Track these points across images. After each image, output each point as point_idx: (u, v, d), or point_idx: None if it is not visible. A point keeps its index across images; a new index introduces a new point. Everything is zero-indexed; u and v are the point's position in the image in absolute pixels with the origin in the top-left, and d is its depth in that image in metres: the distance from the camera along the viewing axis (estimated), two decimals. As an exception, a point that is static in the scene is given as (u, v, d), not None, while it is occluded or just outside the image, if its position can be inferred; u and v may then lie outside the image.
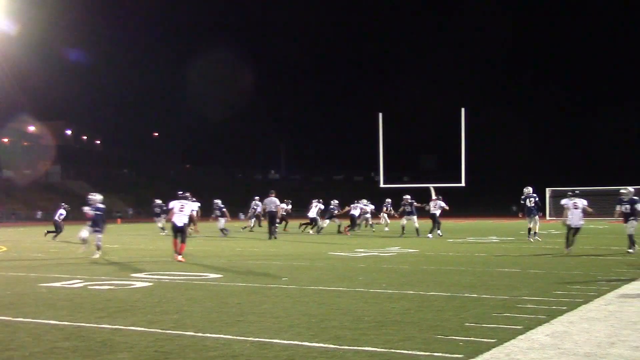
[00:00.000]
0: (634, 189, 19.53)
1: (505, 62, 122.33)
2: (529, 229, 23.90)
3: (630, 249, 18.10)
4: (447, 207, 29.31)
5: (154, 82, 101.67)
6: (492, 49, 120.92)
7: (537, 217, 23.84)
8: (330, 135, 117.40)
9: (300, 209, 40.92)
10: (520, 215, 24.49)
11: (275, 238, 27.98)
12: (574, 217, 18.52)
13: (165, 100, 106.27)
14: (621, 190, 18.67)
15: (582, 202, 18.41)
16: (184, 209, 17.37)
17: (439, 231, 28.64)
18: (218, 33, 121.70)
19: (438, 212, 29.03)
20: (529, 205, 23.69)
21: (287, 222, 36.28)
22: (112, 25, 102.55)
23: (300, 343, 6.89)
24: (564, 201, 19.19)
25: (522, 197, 23.94)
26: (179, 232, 17.22)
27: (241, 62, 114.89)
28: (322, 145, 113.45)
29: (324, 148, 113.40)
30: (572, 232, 18.43)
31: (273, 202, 29.38)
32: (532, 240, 23.56)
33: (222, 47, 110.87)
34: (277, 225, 29.55)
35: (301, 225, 35.55)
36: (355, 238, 28.65)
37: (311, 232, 33.53)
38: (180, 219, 17.25)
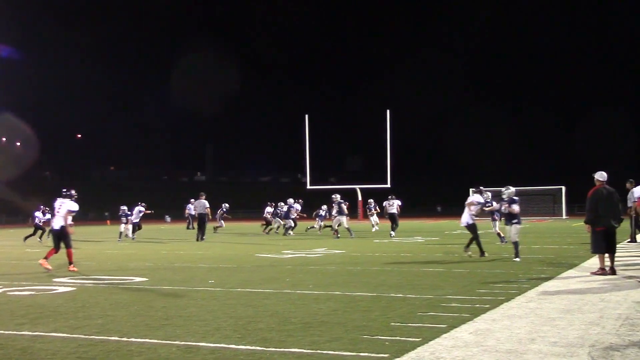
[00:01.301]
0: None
1: (427, 62, 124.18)
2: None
3: (517, 257, 16.18)
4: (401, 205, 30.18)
5: (76, 84, 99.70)
6: (415, 49, 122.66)
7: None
8: (257, 136, 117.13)
9: (232, 211, 40.66)
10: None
11: (203, 240, 27.93)
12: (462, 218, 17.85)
13: (88, 102, 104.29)
14: (502, 189, 17.56)
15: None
16: (60, 209, 15.27)
17: (392, 232, 28.99)
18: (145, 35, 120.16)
19: (396, 211, 29.56)
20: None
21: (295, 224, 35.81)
22: (27, 22, 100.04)
23: (227, 346, 6.85)
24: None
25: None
26: (57, 236, 15.26)
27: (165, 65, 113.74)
28: (249, 147, 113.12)
29: (251, 150, 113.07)
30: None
31: (203, 204, 29.31)
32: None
33: (141, 47, 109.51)
34: (205, 227, 29.38)
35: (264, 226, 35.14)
36: (282, 240, 28.65)
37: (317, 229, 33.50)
38: (57, 222, 15.28)
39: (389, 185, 43.96)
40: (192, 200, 36.72)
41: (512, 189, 17.24)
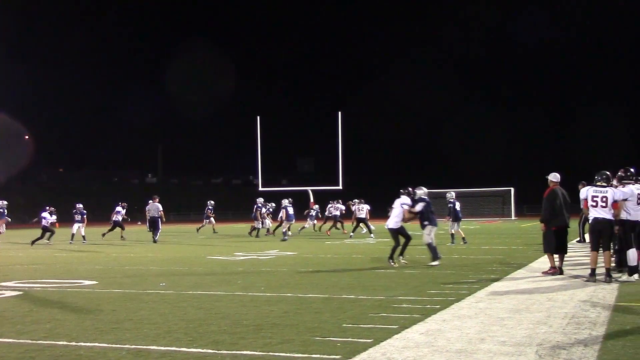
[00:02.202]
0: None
1: (375, 63, 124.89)
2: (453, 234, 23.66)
3: (434, 261, 15.41)
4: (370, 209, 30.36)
5: (24, 83, 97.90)
6: (366, 51, 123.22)
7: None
8: (208, 137, 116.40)
9: (181, 213, 40.24)
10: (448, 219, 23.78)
11: (155, 242, 27.89)
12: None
13: (36, 102, 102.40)
14: (416, 190, 16.33)
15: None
16: None
17: (367, 231, 29.85)
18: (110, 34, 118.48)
19: (365, 216, 29.82)
20: (457, 208, 23.54)
21: (340, 224, 35.30)
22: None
23: (178, 349, 6.80)
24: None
25: (451, 200, 23.53)
26: None
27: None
28: (200, 148, 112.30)
29: (202, 151, 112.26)
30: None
31: (156, 207, 29.41)
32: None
33: (82, 46, 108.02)
34: (159, 229, 29.29)
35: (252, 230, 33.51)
36: (234, 242, 28.54)
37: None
38: None
39: (340, 187, 44.04)
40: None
41: (424, 190, 16.25)
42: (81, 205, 30.82)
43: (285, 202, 30.77)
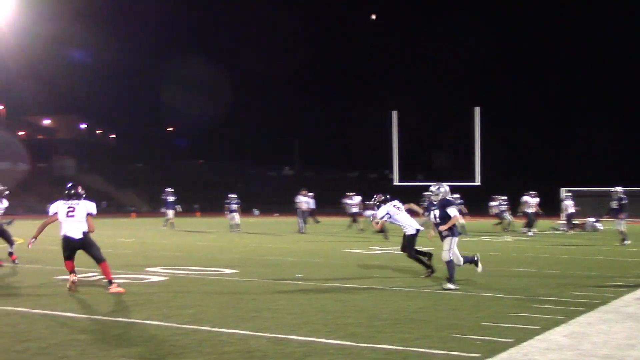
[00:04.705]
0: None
1: (516, 60, 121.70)
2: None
3: (449, 283, 11.14)
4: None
5: (168, 77, 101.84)
6: (502, 48, 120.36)
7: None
8: (345, 132, 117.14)
9: (318, 208, 40.63)
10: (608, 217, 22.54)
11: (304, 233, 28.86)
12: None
13: (179, 95, 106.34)
14: (435, 188, 11.98)
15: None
16: (74, 213, 10.71)
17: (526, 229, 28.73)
18: (231, 27, 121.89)
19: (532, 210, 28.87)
20: (614, 207, 22.62)
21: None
22: (128, 22, 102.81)
23: (316, 340, 6.87)
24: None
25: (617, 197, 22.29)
26: (80, 248, 10.81)
27: (254, 56, 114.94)
28: (337, 142, 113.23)
29: (339, 145, 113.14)
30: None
31: (304, 200, 30.60)
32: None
33: (231, 41, 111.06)
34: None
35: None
36: (371, 236, 28.59)
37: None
38: (74, 229, 10.69)
39: (478, 183, 43.27)
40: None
41: (445, 188, 11.92)
42: (234, 195, 31.61)
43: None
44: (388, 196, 13.87)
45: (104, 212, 65.28)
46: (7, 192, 15.51)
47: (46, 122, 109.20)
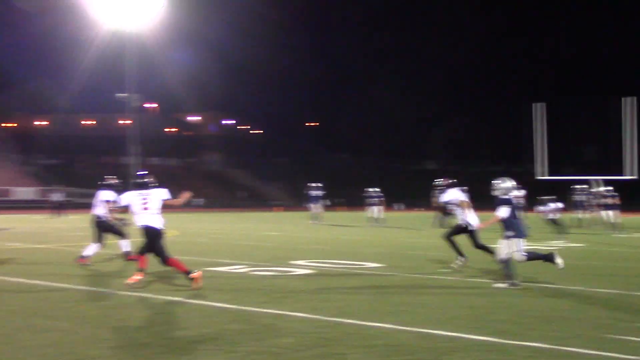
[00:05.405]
0: None
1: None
2: None
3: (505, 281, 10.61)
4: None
5: (313, 74, 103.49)
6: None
7: None
8: (487, 125, 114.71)
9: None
10: None
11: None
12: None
13: (325, 91, 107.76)
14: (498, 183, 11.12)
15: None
16: (148, 203, 10.37)
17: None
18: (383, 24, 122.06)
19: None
20: None
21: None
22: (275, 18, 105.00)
23: (463, 335, 6.77)
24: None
25: None
26: (158, 239, 10.34)
27: (400, 54, 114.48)
28: (479, 135, 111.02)
29: (481, 138, 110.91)
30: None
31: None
32: None
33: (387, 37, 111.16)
34: None
35: None
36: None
37: None
38: (153, 220, 10.34)
39: (634, 176, 41.28)
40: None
41: (505, 184, 11.00)
42: (375, 189, 31.73)
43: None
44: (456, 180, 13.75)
45: (244, 205, 67.16)
46: (119, 184, 13.76)
47: (195, 118, 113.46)
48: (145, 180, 10.60)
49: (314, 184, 33.97)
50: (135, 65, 52.38)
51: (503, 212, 10.63)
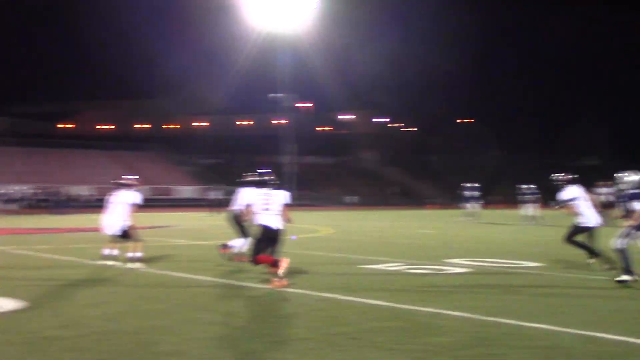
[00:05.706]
0: None
1: None
2: None
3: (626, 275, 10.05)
4: None
5: (467, 71, 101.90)
6: None
7: None
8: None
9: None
10: None
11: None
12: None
13: (480, 86, 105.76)
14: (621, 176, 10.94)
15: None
16: (269, 203, 10.23)
17: None
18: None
19: None
20: None
21: None
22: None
23: (631, 340, 6.48)
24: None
25: None
26: (276, 240, 10.28)
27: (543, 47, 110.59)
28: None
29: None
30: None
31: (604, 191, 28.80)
32: None
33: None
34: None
35: None
36: None
37: None
38: (273, 220, 10.19)
39: None
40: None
41: (632, 177, 10.60)
42: (528, 186, 30.92)
43: None
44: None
45: (397, 203, 67.10)
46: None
47: (349, 117, 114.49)
48: (266, 178, 10.49)
49: (469, 184, 33.53)
50: (288, 66, 53.55)
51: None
